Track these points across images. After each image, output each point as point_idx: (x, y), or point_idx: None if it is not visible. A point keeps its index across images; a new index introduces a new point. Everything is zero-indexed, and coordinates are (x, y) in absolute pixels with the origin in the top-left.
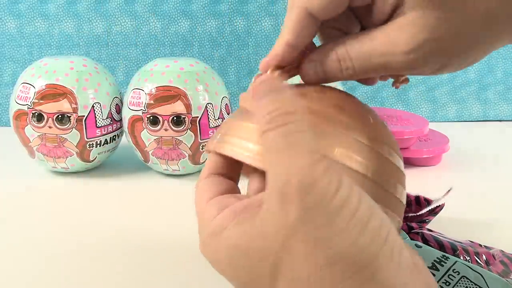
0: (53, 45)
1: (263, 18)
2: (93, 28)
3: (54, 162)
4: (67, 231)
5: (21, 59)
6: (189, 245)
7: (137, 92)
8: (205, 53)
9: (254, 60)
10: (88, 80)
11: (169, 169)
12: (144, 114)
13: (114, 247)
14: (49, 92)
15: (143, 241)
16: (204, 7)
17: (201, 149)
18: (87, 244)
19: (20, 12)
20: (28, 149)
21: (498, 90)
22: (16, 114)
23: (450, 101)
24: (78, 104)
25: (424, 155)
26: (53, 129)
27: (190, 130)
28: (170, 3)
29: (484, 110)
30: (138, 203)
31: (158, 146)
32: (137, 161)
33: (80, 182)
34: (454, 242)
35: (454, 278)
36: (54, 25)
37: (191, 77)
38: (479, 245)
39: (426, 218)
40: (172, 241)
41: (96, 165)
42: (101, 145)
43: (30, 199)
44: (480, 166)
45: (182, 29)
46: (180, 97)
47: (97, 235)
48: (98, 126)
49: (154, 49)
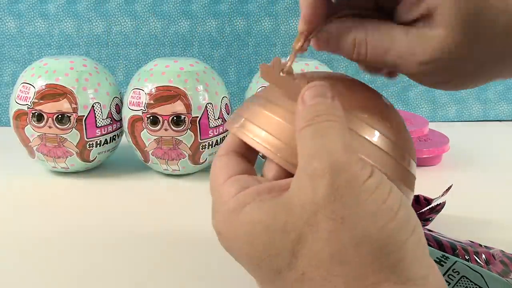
0: (53, 45)
1: (263, 18)
2: (93, 28)
3: (54, 162)
4: (67, 231)
5: (21, 59)
6: (189, 244)
7: (137, 92)
8: (205, 53)
9: (254, 60)
10: (88, 80)
11: (169, 169)
12: (144, 114)
13: (114, 246)
14: (49, 92)
15: (143, 241)
16: (204, 7)
17: (201, 149)
18: (87, 244)
19: (20, 12)
20: (28, 149)
21: (498, 90)
22: (16, 114)
23: (450, 101)
24: (78, 104)
25: (424, 155)
26: (53, 129)
27: (190, 130)
28: (170, 3)
29: (484, 110)
30: (138, 203)
31: (158, 146)
32: (137, 161)
33: (80, 182)
34: (453, 241)
35: (454, 278)
36: (54, 25)
37: (191, 77)
38: (479, 245)
39: (429, 216)
40: (172, 241)
41: (96, 165)
42: (101, 145)
43: (30, 199)
44: (480, 166)
45: (182, 29)
46: (180, 97)
47: (97, 235)
48: (98, 126)
49: (154, 49)
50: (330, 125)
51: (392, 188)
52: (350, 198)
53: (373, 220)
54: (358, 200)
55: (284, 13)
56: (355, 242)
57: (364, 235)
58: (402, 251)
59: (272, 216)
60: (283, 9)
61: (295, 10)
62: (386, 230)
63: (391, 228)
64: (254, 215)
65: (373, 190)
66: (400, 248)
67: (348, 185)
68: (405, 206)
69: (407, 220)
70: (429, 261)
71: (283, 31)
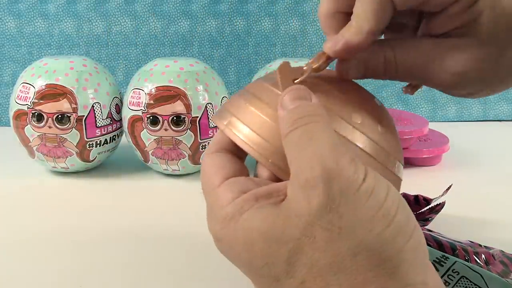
0: (53, 45)
1: (263, 18)
2: (93, 28)
3: (54, 162)
4: (67, 231)
5: (21, 59)
6: (189, 244)
7: (137, 92)
8: (205, 53)
9: (254, 60)
10: (88, 80)
11: (169, 169)
12: (144, 114)
13: (114, 246)
14: (49, 92)
15: (142, 240)
16: (204, 7)
17: (201, 149)
18: (87, 244)
19: (20, 12)
20: (28, 149)
21: None
22: (16, 114)
23: (450, 101)
24: (78, 104)
25: (424, 155)
26: (53, 129)
27: (190, 130)
28: (170, 3)
29: (484, 110)
30: (138, 203)
31: (158, 146)
32: (137, 161)
33: (80, 182)
34: (453, 242)
35: (454, 278)
36: (54, 25)
37: (191, 77)
38: (479, 245)
39: (429, 216)
40: (172, 241)
41: (96, 165)
42: (101, 145)
43: (30, 199)
44: (480, 166)
45: (182, 29)
46: (180, 97)
47: (97, 235)
48: (98, 126)
49: (154, 49)
50: (314, 126)
51: (389, 188)
52: (345, 207)
53: (370, 227)
54: (355, 208)
55: (284, 13)
56: (352, 252)
57: (361, 244)
58: (400, 257)
59: (271, 225)
60: (283, 9)
61: (295, 10)
62: (384, 237)
63: (388, 234)
64: (252, 222)
65: (369, 194)
66: (398, 254)
67: (343, 193)
68: (402, 208)
69: (405, 224)
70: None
71: (283, 31)
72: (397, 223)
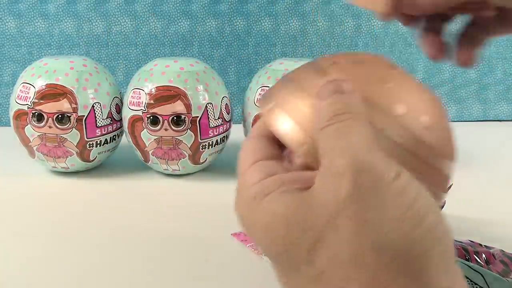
0: (53, 45)
1: (263, 18)
2: (93, 28)
3: (54, 162)
4: (67, 231)
5: (21, 59)
6: (189, 244)
7: (137, 92)
8: (205, 53)
9: (254, 60)
10: (88, 80)
11: (169, 169)
12: (144, 114)
13: (114, 246)
14: (49, 92)
15: (142, 240)
16: (204, 7)
17: (201, 149)
18: (87, 244)
19: (20, 12)
20: (28, 149)
21: (498, 90)
22: (16, 114)
23: (450, 101)
24: (78, 104)
25: None
26: (53, 129)
27: (190, 130)
28: (170, 3)
29: (484, 110)
30: (138, 203)
31: (158, 146)
32: (137, 161)
33: (80, 182)
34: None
35: None
36: (54, 25)
37: (191, 77)
38: (479, 245)
39: None
40: (172, 241)
41: (96, 165)
42: (101, 145)
43: (30, 199)
44: (480, 166)
45: (182, 29)
46: (180, 97)
47: (97, 235)
48: (98, 126)
49: (154, 49)
50: (351, 124)
51: (421, 192)
52: (374, 201)
53: (397, 226)
54: (383, 204)
55: (284, 13)
56: (376, 247)
57: (386, 241)
58: (426, 260)
59: (294, 211)
60: (283, 9)
61: (295, 10)
62: (411, 238)
63: (415, 235)
64: (275, 206)
65: (400, 193)
66: (424, 257)
67: (373, 186)
68: (433, 213)
69: (434, 228)
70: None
71: (283, 31)
72: (426, 226)
